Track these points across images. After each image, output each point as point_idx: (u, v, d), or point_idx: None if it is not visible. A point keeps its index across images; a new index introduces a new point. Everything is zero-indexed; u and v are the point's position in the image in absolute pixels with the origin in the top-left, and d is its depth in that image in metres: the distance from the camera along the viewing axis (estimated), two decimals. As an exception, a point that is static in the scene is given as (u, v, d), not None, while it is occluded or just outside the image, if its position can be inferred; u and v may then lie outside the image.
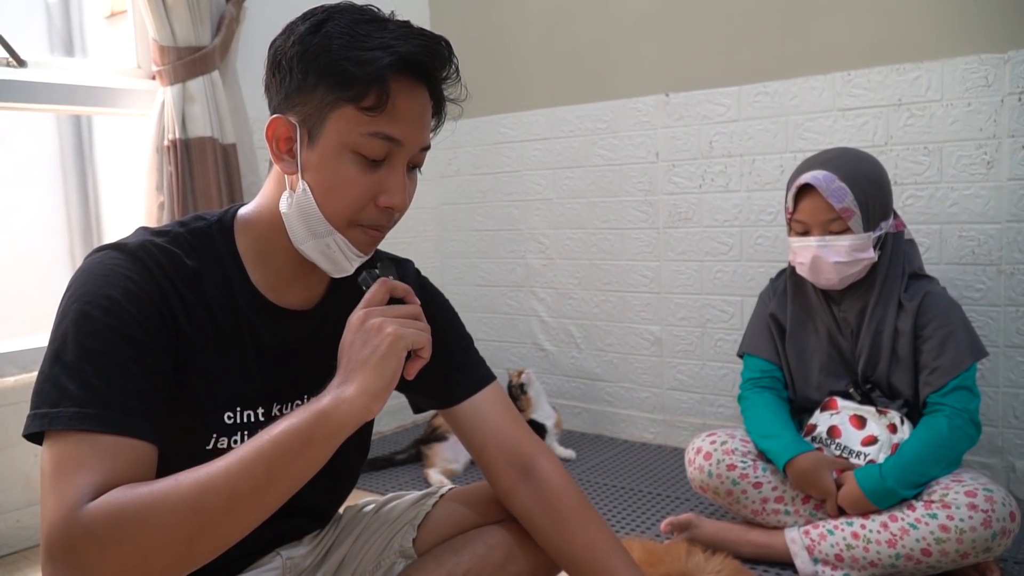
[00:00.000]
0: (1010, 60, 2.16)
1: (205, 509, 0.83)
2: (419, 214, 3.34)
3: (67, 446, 0.85)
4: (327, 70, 0.94)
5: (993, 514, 1.65)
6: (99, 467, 0.84)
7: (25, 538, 2.22)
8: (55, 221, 2.50)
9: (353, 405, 0.89)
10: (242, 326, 1.03)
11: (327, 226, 0.99)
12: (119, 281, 0.93)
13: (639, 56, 2.82)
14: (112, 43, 2.56)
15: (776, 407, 2.00)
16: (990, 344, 2.21)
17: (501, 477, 1.18)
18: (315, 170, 0.97)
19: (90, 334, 0.89)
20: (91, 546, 0.81)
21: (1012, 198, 2.19)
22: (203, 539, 0.84)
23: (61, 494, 0.82)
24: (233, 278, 1.03)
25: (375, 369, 0.90)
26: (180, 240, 1.01)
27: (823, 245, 1.85)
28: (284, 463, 0.86)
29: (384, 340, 0.91)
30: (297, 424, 0.87)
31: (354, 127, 0.95)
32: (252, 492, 0.85)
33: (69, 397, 0.87)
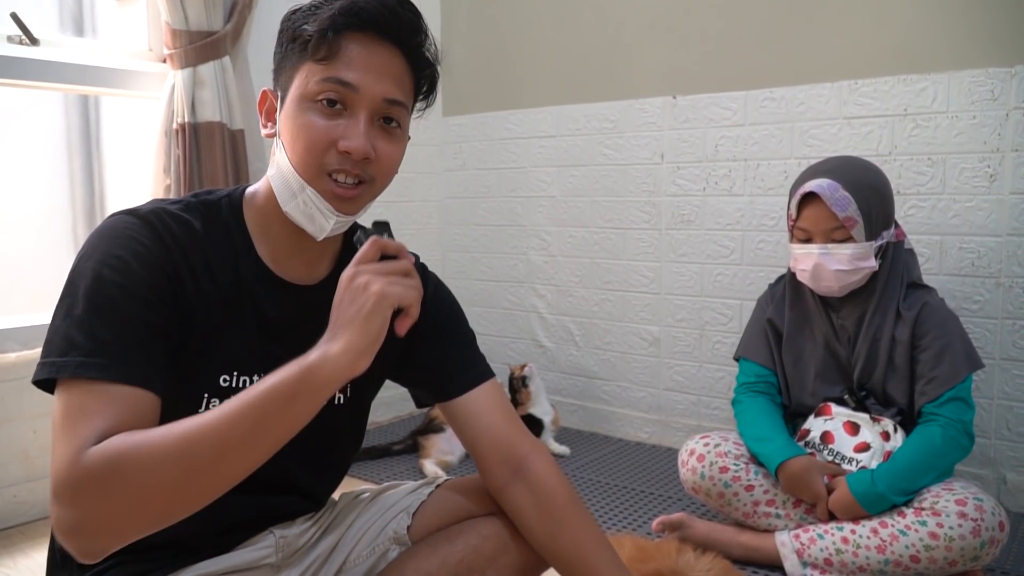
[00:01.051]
0: (1017, 75, 2.18)
1: (193, 458, 0.86)
2: (423, 207, 3.35)
3: (74, 394, 0.89)
4: (292, 37, 1.04)
5: (982, 523, 1.67)
6: (104, 413, 0.88)
7: (21, 513, 2.24)
8: (59, 199, 2.50)
9: (338, 362, 0.90)
10: (244, 294, 1.07)
11: (299, 181, 1.03)
12: (129, 243, 0.97)
13: (647, 58, 2.83)
14: (122, 24, 2.57)
15: (770, 411, 2.01)
16: (986, 356, 2.22)
17: (494, 474, 1.20)
18: (284, 127, 1.05)
19: (99, 291, 0.93)
20: (92, 488, 0.84)
21: (1013, 212, 2.21)
22: (192, 487, 0.87)
23: (68, 439, 0.86)
24: (239, 248, 1.08)
25: (360, 327, 0.91)
26: (191, 208, 1.06)
27: (825, 253, 1.87)
28: (270, 418, 0.88)
29: (369, 299, 0.91)
30: (283, 380, 0.89)
31: (310, 77, 1.01)
32: (239, 444, 0.87)
33: (77, 347, 0.90)
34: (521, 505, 1.18)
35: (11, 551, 2.08)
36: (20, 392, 2.22)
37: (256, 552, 1.16)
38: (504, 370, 2.98)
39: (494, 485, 1.21)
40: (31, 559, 2.02)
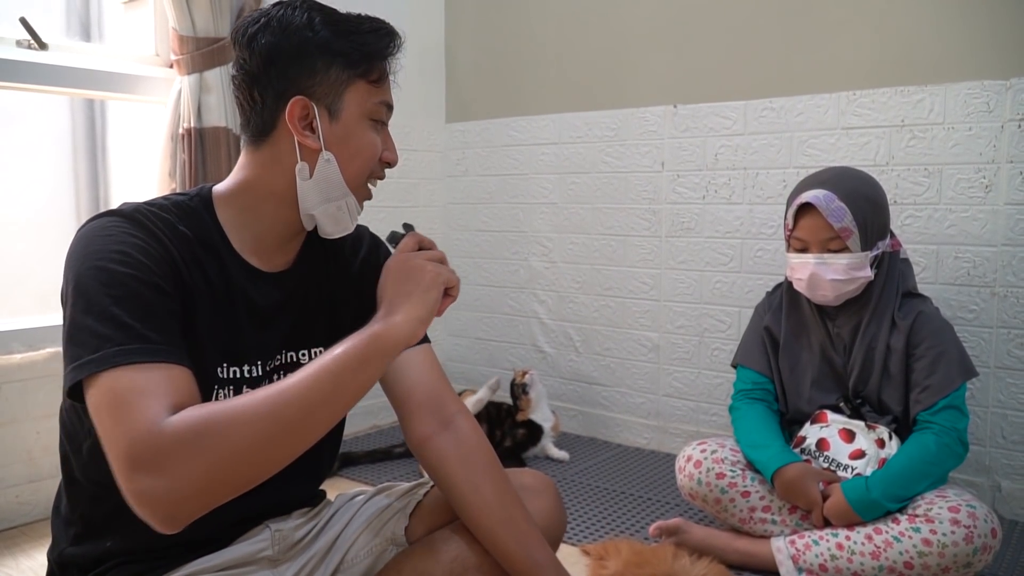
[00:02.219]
0: (1012, 87, 2.20)
1: (283, 416, 0.93)
2: (426, 212, 3.37)
3: (121, 380, 0.91)
4: (340, 53, 1.09)
5: (975, 530, 1.69)
6: (162, 390, 0.91)
7: (24, 514, 2.25)
8: (64, 202, 2.53)
9: (402, 329, 1.02)
10: (234, 288, 1.11)
11: (344, 189, 1.13)
12: (125, 239, 1.00)
13: (649, 67, 2.86)
14: (128, 29, 2.60)
15: (766, 418, 2.03)
16: (981, 365, 2.25)
17: (422, 424, 1.24)
18: (340, 140, 1.11)
19: (112, 283, 0.96)
20: (181, 452, 0.88)
21: (1008, 222, 2.23)
22: (279, 445, 0.94)
23: (136, 415, 0.89)
24: (220, 245, 1.12)
25: (420, 299, 1.04)
26: (168, 209, 1.09)
27: (821, 262, 1.89)
28: (346, 378, 0.97)
29: (427, 275, 1.05)
30: (355, 345, 0.99)
31: (367, 98, 1.12)
32: (322, 402, 0.96)
33: (108, 339, 0.93)
34: (448, 455, 1.23)
35: (13, 551, 2.10)
36: (24, 393, 2.24)
37: (253, 546, 1.18)
38: (507, 374, 3.01)
39: (420, 434, 1.24)
40: (33, 560, 2.04)
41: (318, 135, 1.10)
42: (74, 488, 1.13)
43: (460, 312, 3.44)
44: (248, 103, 1.12)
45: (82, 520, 1.12)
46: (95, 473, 1.08)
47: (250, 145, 1.14)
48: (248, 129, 1.14)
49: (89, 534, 1.11)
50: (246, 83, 1.11)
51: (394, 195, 3.18)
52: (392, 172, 1.22)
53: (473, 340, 3.41)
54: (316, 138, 1.10)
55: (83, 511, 1.12)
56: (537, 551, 1.18)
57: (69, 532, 1.13)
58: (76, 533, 1.12)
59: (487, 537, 1.19)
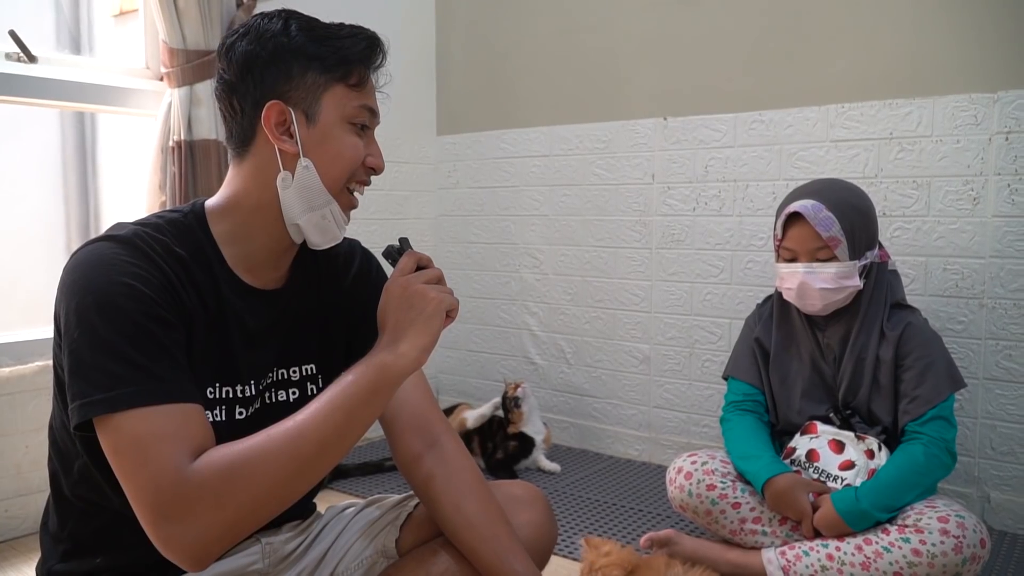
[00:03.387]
0: (999, 100, 2.22)
1: (301, 455, 0.96)
2: (417, 225, 3.38)
3: (140, 424, 0.91)
4: (314, 57, 1.08)
5: (964, 540, 1.69)
6: (180, 434, 0.92)
7: (13, 528, 2.24)
8: (53, 215, 2.52)
9: (407, 358, 1.03)
10: (226, 308, 1.10)
11: (326, 196, 1.12)
12: (127, 268, 0.99)
13: (639, 80, 2.87)
14: (119, 42, 2.60)
15: (757, 430, 2.04)
16: (970, 376, 2.25)
17: (408, 445, 1.25)
18: (318, 145, 1.10)
19: (118, 319, 0.95)
20: (208, 498, 0.91)
21: (996, 234, 2.25)
22: (300, 480, 0.98)
23: (158, 462, 0.90)
24: (214, 262, 1.10)
25: (424, 327, 1.05)
26: (163, 229, 1.08)
27: (809, 272, 1.90)
28: (358, 410, 1.00)
29: (429, 303, 1.05)
30: (363, 377, 1.01)
31: (346, 102, 1.11)
32: (336, 437, 0.98)
33: (120, 379, 0.92)
34: (432, 475, 1.23)
35: (2, 566, 2.08)
36: (12, 407, 2.23)
37: (243, 559, 1.18)
38: (498, 386, 3.01)
39: (408, 455, 1.25)
40: (22, 574, 2.03)
41: (296, 140, 1.08)
42: (63, 505, 1.12)
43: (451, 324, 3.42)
44: (229, 113, 1.12)
45: (71, 538, 1.11)
46: (85, 492, 1.08)
47: (235, 158, 1.13)
48: (231, 141, 1.13)
49: (78, 551, 1.10)
50: (226, 93, 1.11)
51: (385, 207, 3.18)
52: (383, 184, 1.22)
53: (464, 352, 3.41)
54: (294, 143, 1.09)
55: (72, 529, 1.11)
56: (519, 567, 1.17)
57: (58, 549, 1.12)
58: (65, 550, 1.11)
59: (470, 554, 1.19)
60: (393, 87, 1.21)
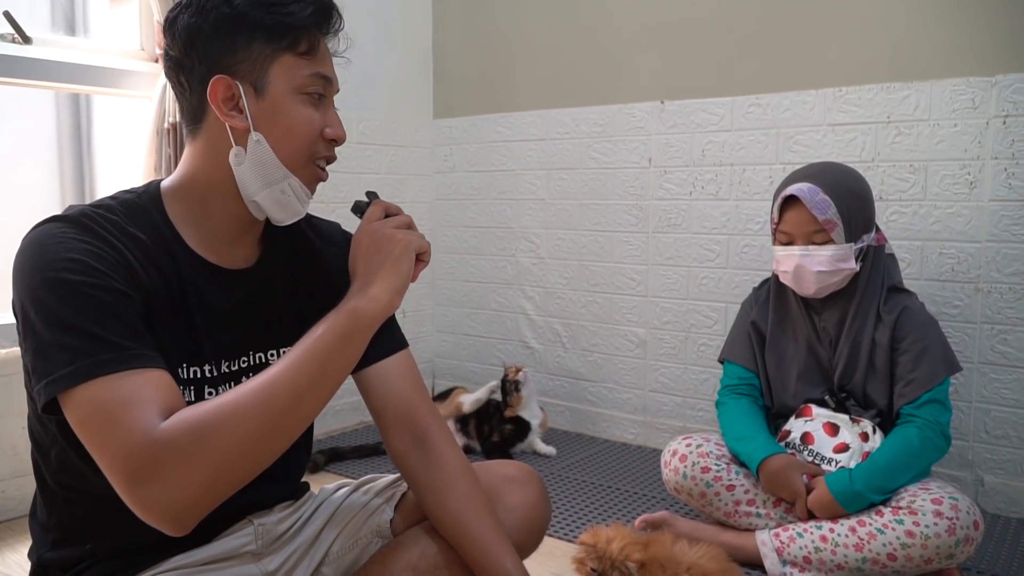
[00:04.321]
0: (997, 84, 2.22)
1: (274, 408, 0.94)
2: (413, 208, 3.37)
3: (102, 392, 0.90)
4: (259, 26, 1.03)
5: (957, 522, 1.70)
6: (147, 396, 0.90)
7: (9, 509, 2.25)
8: (49, 197, 2.52)
9: (379, 301, 1.02)
10: (187, 287, 1.07)
11: (283, 171, 1.07)
12: (75, 245, 0.96)
13: (637, 63, 2.86)
14: (113, 23, 2.58)
15: (752, 413, 2.04)
16: (965, 360, 2.26)
17: (396, 439, 1.23)
18: (268, 119, 1.05)
19: (70, 295, 0.93)
20: (178, 458, 0.88)
21: (992, 218, 2.25)
22: (276, 435, 0.96)
23: (126, 426, 0.88)
24: (171, 242, 1.07)
25: (393, 269, 1.03)
26: (115, 210, 1.05)
27: (806, 255, 1.90)
28: (332, 358, 0.98)
29: (397, 245, 1.04)
30: (336, 324, 0.99)
31: (296, 71, 1.06)
32: (310, 387, 0.97)
33: (79, 351, 0.90)
34: (417, 471, 1.22)
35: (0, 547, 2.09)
36: (8, 388, 2.23)
37: (236, 540, 1.17)
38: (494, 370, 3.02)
39: (396, 449, 1.24)
40: (19, 554, 2.03)
41: (246, 115, 1.04)
42: (48, 495, 1.11)
43: (448, 308, 3.44)
44: (178, 90, 1.08)
45: (59, 527, 1.10)
46: (66, 479, 1.07)
47: (189, 136, 1.10)
48: (184, 118, 1.10)
49: (67, 539, 1.10)
50: (173, 70, 1.07)
51: (382, 191, 3.12)
52: (379, 168, 1.21)
53: (461, 336, 3.41)
54: (244, 118, 1.04)
55: (59, 518, 1.10)
56: (504, 561, 1.16)
57: (47, 538, 1.11)
58: (54, 539, 1.11)
59: (457, 548, 1.18)
60: (389, 70, 1.20)
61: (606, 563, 1.59)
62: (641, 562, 1.57)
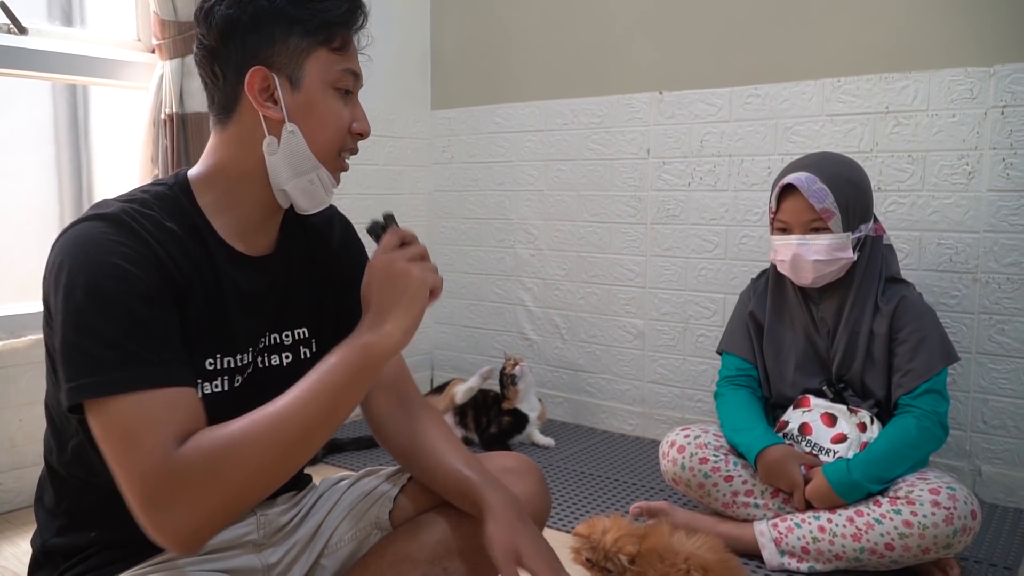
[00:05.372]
0: (995, 74, 2.21)
1: (285, 439, 0.96)
2: (411, 200, 3.36)
3: (125, 407, 0.91)
4: (296, 20, 1.06)
5: (955, 511, 1.70)
6: (167, 418, 0.92)
7: (7, 501, 2.25)
8: (46, 189, 2.51)
9: (391, 339, 1.02)
10: (222, 277, 1.09)
11: (313, 161, 1.10)
12: (115, 248, 0.97)
13: (635, 54, 2.86)
14: (110, 14, 2.57)
15: (750, 404, 2.05)
16: (963, 350, 2.26)
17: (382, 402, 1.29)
18: (303, 111, 1.08)
19: (106, 302, 0.94)
20: (194, 484, 0.91)
21: (990, 209, 2.25)
22: (286, 463, 0.99)
23: (145, 448, 0.90)
24: (205, 233, 1.09)
25: (406, 309, 1.04)
26: (150, 204, 1.05)
27: (803, 243, 1.90)
28: (343, 393, 1.00)
29: (413, 282, 1.04)
30: (347, 359, 1.01)
31: (330, 66, 1.09)
32: (321, 420, 0.99)
33: (108, 363, 0.92)
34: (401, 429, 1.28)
35: (-3, 538, 2.09)
36: (6, 381, 2.23)
37: (238, 529, 1.18)
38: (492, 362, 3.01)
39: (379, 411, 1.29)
40: (16, 547, 2.03)
41: (281, 106, 1.07)
42: (58, 481, 1.12)
43: (446, 300, 3.43)
44: (210, 80, 1.09)
45: (67, 513, 1.11)
46: (79, 470, 1.08)
47: (218, 125, 1.11)
48: (213, 107, 1.11)
49: (74, 526, 1.11)
50: (207, 59, 1.08)
51: (379, 182, 3.17)
52: (378, 159, 1.21)
53: (459, 328, 3.41)
54: (279, 109, 1.07)
55: (68, 504, 1.11)
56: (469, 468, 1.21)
57: (53, 524, 1.12)
58: (61, 525, 1.11)
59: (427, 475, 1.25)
60: (387, 61, 1.21)
61: (600, 554, 1.60)
62: (633, 555, 1.58)
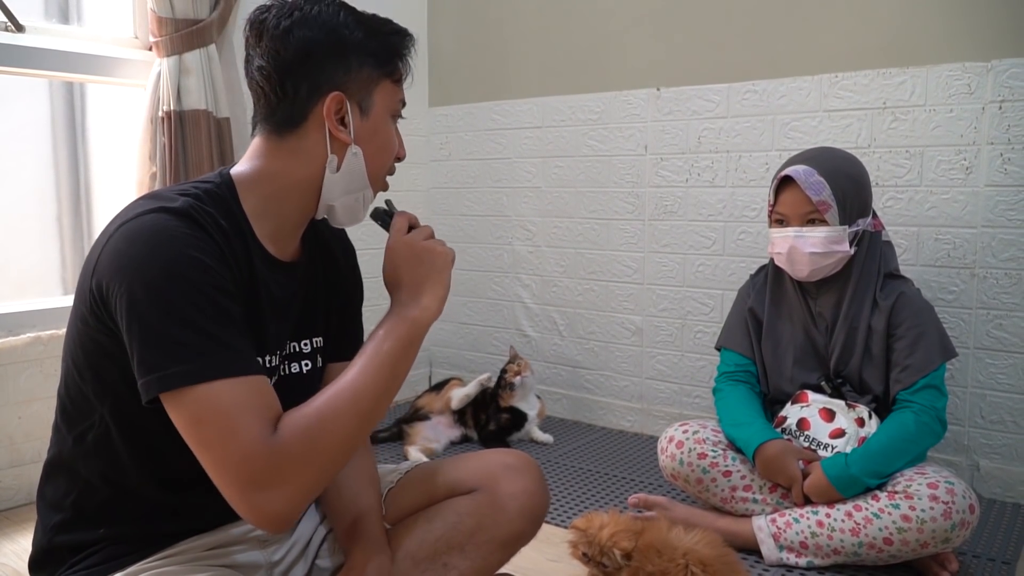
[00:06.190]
0: (993, 69, 2.21)
1: (362, 410, 1.04)
2: (410, 197, 3.36)
3: (220, 395, 0.94)
4: (372, 52, 1.13)
5: (953, 506, 1.71)
6: (259, 403, 0.98)
7: (7, 499, 2.25)
8: (44, 187, 2.50)
9: (431, 310, 1.12)
10: (258, 279, 1.12)
11: (365, 182, 1.18)
12: (190, 241, 1.00)
13: (632, 50, 2.86)
14: (108, 12, 2.57)
15: (749, 399, 2.05)
16: (961, 345, 2.27)
17: None
18: (369, 136, 1.16)
19: (190, 291, 0.96)
20: (296, 463, 0.97)
21: (988, 204, 2.25)
22: (363, 432, 1.07)
23: (243, 433, 0.95)
24: (246, 233, 1.12)
25: (439, 279, 1.14)
26: (202, 199, 1.08)
27: (799, 236, 1.91)
28: (400, 363, 1.09)
29: (438, 257, 1.15)
30: (398, 333, 1.10)
31: (392, 96, 1.18)
32: (386, 390, 1.07)
33: (197, 350, 0.95)
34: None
35: (-4, 536, 2.09)
36: (5, 379, 2.23)
37: (244, 526, 1.18)
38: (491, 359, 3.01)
39: None
40: (17, 544, 2.03)
41: (350, 130, 1.13)
42: (68, 477, 1.12)
43: (444, 297, 3.42)
44: (276, 94, 1.11)
45: (74, 508, 1.11)
46: (96, 465, 1.08)
47: (272, 134, 1.13)
48: (272, 119, 1.13)
49: (80, 522, 1.11)
50: (277, 74, 1.10)
51: (377, 179, 3.16)
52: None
53: (457, 325, 3.41)
54: (347, 132, 1.12)
55: (76, 500, 1.11)
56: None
57: (57, 519, 1.12)
58: (65, 520, 1.11)
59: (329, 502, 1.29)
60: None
61: (595, 549, 1.60)
62: (628, 551, 1.58)
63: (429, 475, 1.32)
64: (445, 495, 1.28)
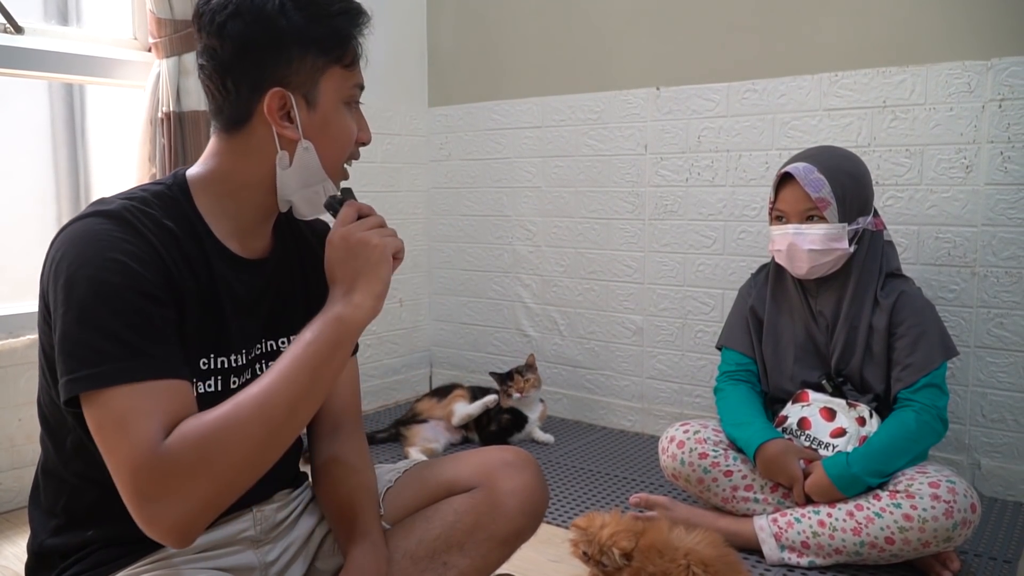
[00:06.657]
0: (993, 67, 2.21)
1: (272, 419, 0.96)
2: (409, 197, 3.36)
3: (120, 398, 0.92)
4: (313, 40, 1.06)
5: (955, 505, 1.71)
6: (159, 409, 0.93)
7: (7, 501, 2.24)
8: (44, 188, 2.50)
9: (363, 309, 1.03)
10: (217, 278, 1.10)
11: (322, 174, 1.12)
12: (117, 244, 0.97)
13: (632, 49, 2.85)
14: (107, 13, 2.57)
15: (750, 398, 2.05)
16: (961, 344, 2.26)
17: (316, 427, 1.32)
18: (318, 129, 1.10)
19: (108, 295, 0.94)
20: (182, 474, 0.91)
21: (988, 202, 2.25)
22: (273, 445, 0.99)
23: (134, 440, 0.90)
24: (202, 234, 1.10)
25: (373, 275, 1.04)
26: (150, 202, 1.06)
27: (798, 233, 1.91)
28: (322, 367, 1.00)
29: (374, 250, 1.04)
30: (323, 333, 1.01)
31: (343, 83, 1.11)
32: (304, 396, 0.99)
33: (107, 354, 0.93)
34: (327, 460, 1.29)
35: (-3, 538, 2.09)
36: (5, 380, 2.23)
37: (236, 525, 1.18)
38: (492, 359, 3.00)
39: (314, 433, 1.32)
40: (16, 546, 2.03)
41: (296, 125, 1.08)
42: (55, 481, 1.12)
43: (444, 297, 3.43)
44: (220, 92, 1.08)
45: (64, 512, 1.11)
46: (81, 467, 1.07)
47: (223, 133, 1.11)
48: (220, 117, 1.11)
49: (71, 525, 1.10)
50: (218, 72, 1.07)
51: (377, 180, 3.16)
52: (375, 157, 1.23)
53: (457, 325, 3.41)
54: (295, 128, 1.08)
55: (65, 504, 1.11)
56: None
57: (49, 524, 1.12)
58: (57, 525, 1.11)
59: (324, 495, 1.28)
60: (384, 59, 1.21)
61: (595, 548, 1.60)
62: (627, 551, 1.58)
63: (427, 474, 1.32)
64: (444, 493, 1.27)
